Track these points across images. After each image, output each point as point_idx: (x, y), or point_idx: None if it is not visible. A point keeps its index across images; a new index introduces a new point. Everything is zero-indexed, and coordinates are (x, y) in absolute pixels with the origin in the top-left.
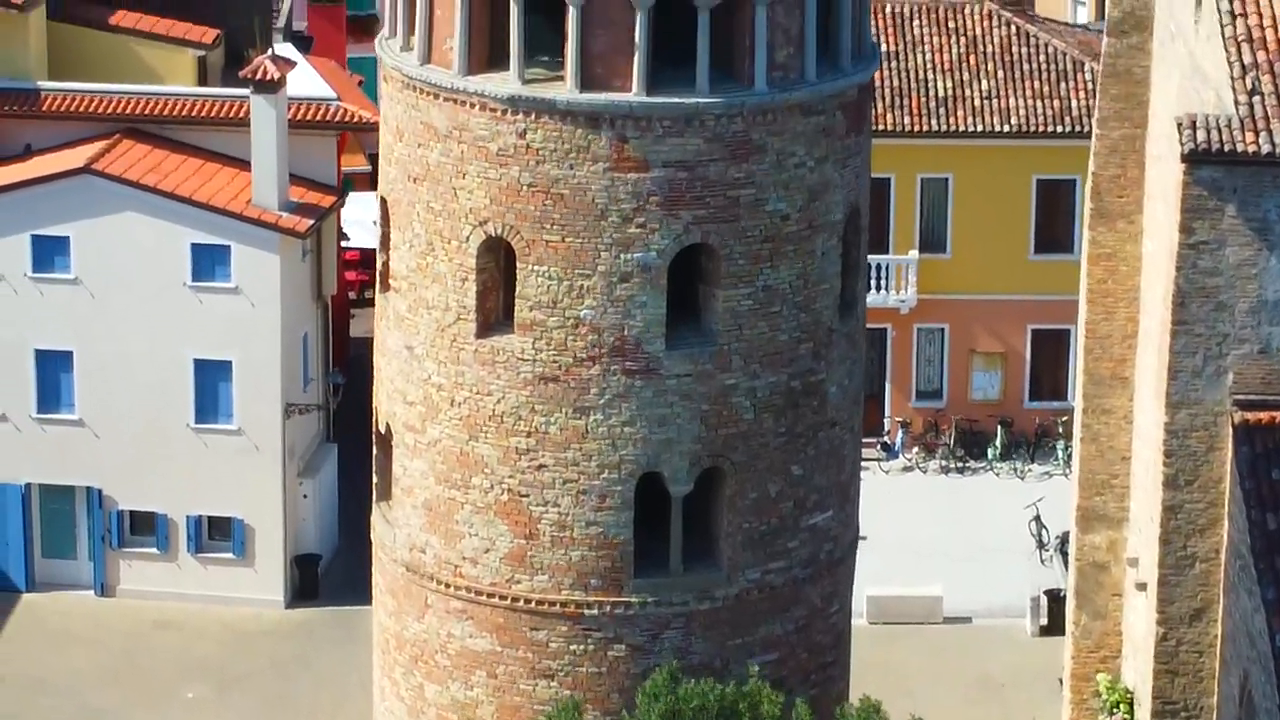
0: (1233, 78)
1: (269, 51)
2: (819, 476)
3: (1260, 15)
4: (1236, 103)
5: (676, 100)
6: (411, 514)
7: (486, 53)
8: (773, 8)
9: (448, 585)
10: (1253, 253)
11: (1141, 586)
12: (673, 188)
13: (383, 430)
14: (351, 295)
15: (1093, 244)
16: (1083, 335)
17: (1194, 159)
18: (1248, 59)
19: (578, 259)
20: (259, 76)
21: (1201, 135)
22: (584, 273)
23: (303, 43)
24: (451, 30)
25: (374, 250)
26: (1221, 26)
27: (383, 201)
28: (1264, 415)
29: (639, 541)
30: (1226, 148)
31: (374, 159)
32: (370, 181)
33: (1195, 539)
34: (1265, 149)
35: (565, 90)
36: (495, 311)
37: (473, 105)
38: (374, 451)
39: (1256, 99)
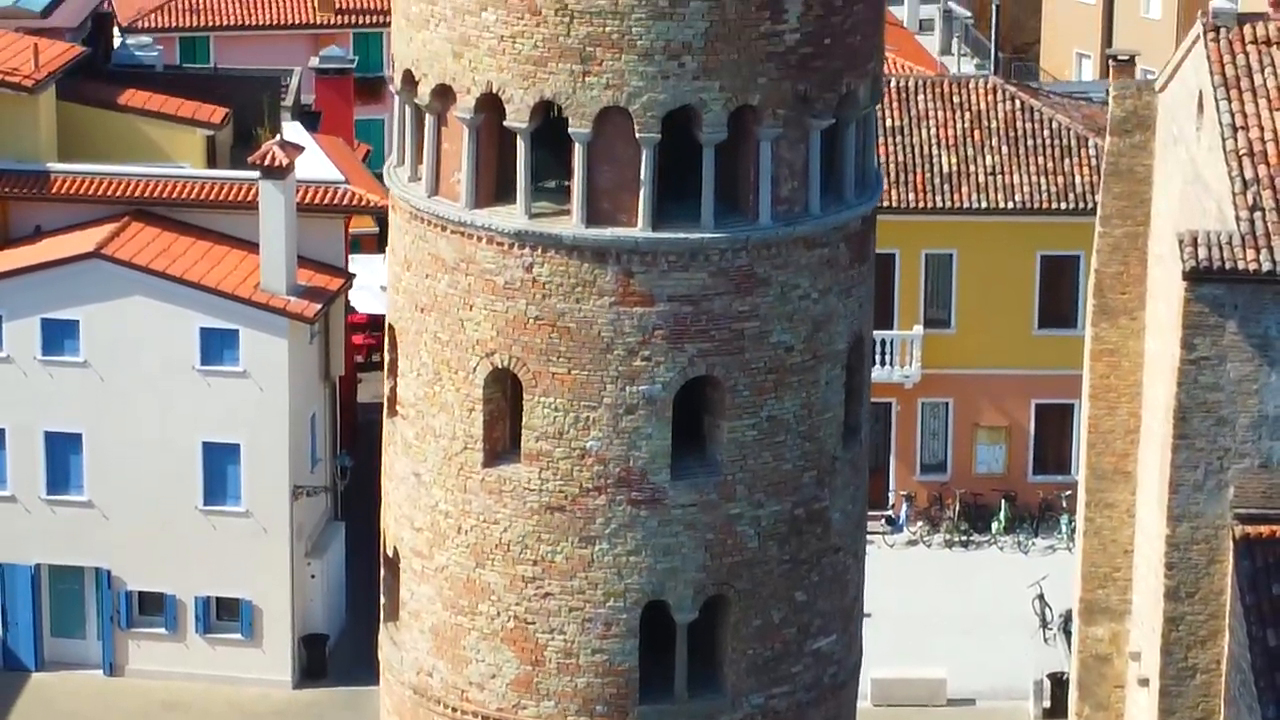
0: (1234, 193)
1: (277, 137)
2: (822, 602)
3: (1261, 128)
4: (1238, 218)
5: (681, 236)
6: (419, 638)
7: (494, 186)
8: (777, 143)
9: (455, 710)
10: (1253, 368)
11: (1144, 682)
12: (678, 321)
13: (390, 554)
14: (358, 359)
15: (1095, 340)
16: (1085, 430)
17: (1195, 276)
18: (1249, 174)
19: (584, 391)
20: (268, 163)
21: (1203, 252)
22: (590, 404)
23: (311, 119)
24: (459, 163)
25: (382, 316)
26: (1223, 140)
27: (390, 329)
28: (1265, 529)
29: (644, 667)
30: (1228, 265)
31: (381, 220)
32: (378, 244)
33: (1197, 650)
34: (1266, 267)
35: (571, 225)
36: (502, 441)
37: (480, 238)
38: (382, 572)
39: (1258, 215)
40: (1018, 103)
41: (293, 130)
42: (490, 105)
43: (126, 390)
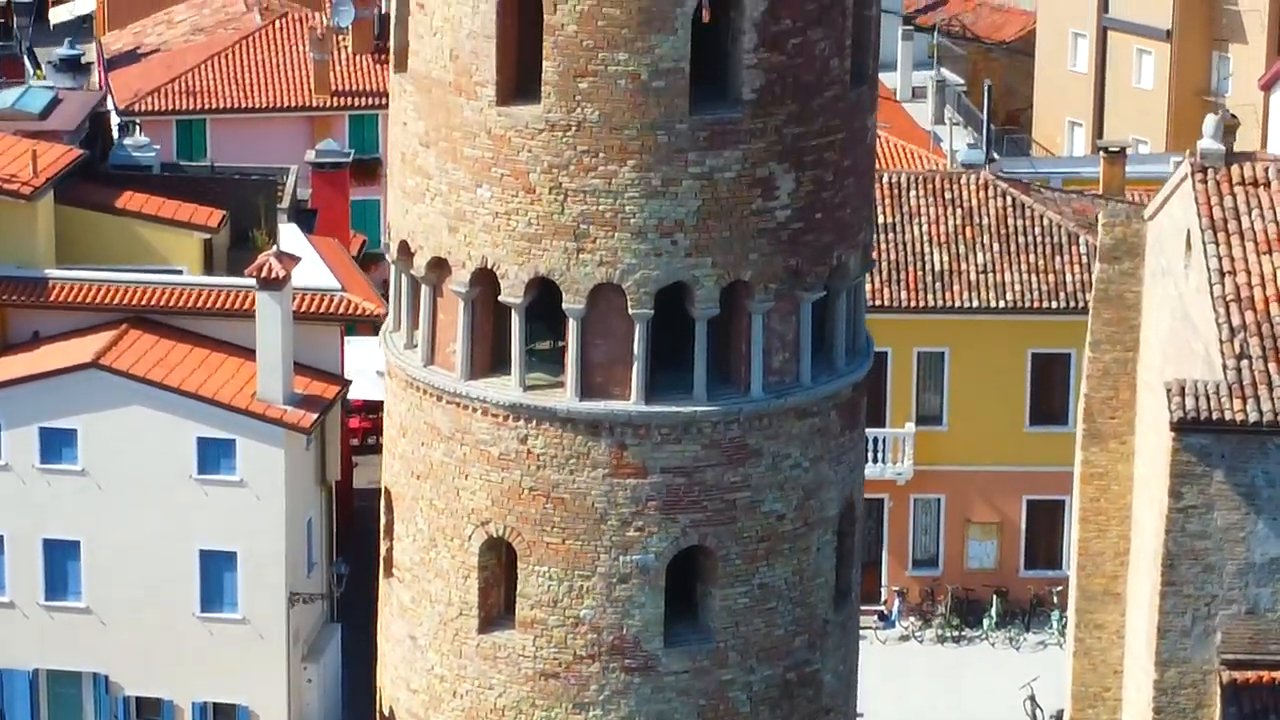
0: (1221, 340)
1: (274, 247)
2: None
3: (1249, 273)
4: (1224, 366)
5: (674, 409)
6: None
7: (489, 357)
8: (769, 316)
9: None
10: (1240, 516)
11: None
12: (671, 492)
13: (387, 713)
14: (354, 442)
15: (1085, 464)
16: (1075, 553)
17: (1183, 427)
18: (1236, 320)
19: (578, 560)
20: (265, 275)
21: (1190, 402)
22: (584, 574)
23: (307, 217)
24: (455, 334)
25: (379, 402)
26: (1210, 285)
27: (386, 492)
28: (1252, 675)
29: None
30: (1215, 416)
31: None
32: (373, 326)
33: None
34: (1253, 418)
35: (565, 398)
36: (497, 607)
37: (475, 410)
38: None
39: (1244, 363)
40: (1009, 199)
41: (289, 233)
42: (485, 279)
43: (124, 498)
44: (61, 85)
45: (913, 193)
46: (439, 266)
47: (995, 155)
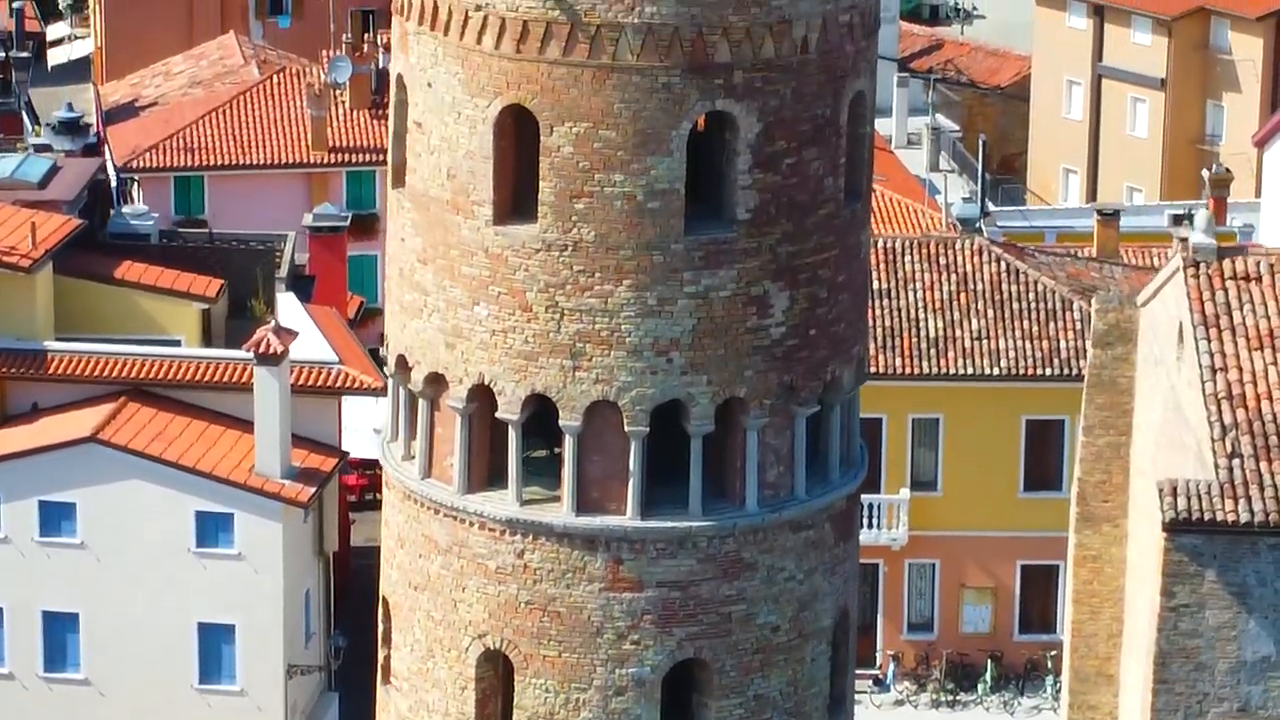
0: (1213, 439)
1: (272, 322)
2: None
3: (1240, 369)
4: (1216, 465)
5: (669, 524)
6: None
7: (486, 471)
8: (763, 431)
9: None
10: (1232, 615)
11: None
12: (666, 606)
13: None
14: (351, 499)
15: (1078, 547)
16: (1069, 635)
17: (1175, 527)
18: (1228, 418)
19: (574, 673)
20: (262, 350)
21: (1182, 503)
22: (580, 687)
23: (305, 284)
24: (452, 449)
25: (376, 460)
26: (1202, 382)
27: (384, 601)
28: None
29: None
30: (1207, 516)
31: (373, 353)
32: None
33: None
34: (1244, 518)
35: (562, 514)
36: (494, 718)
37: (472, 524)
38: None
39: (1236, 462)
40: (1003, 264)
41: (287, 302)
42: (482, 395)
43: (123, 571)
44: (60, 147)
45: (907, 258)
46: (436, 381)
47: (990, 207)
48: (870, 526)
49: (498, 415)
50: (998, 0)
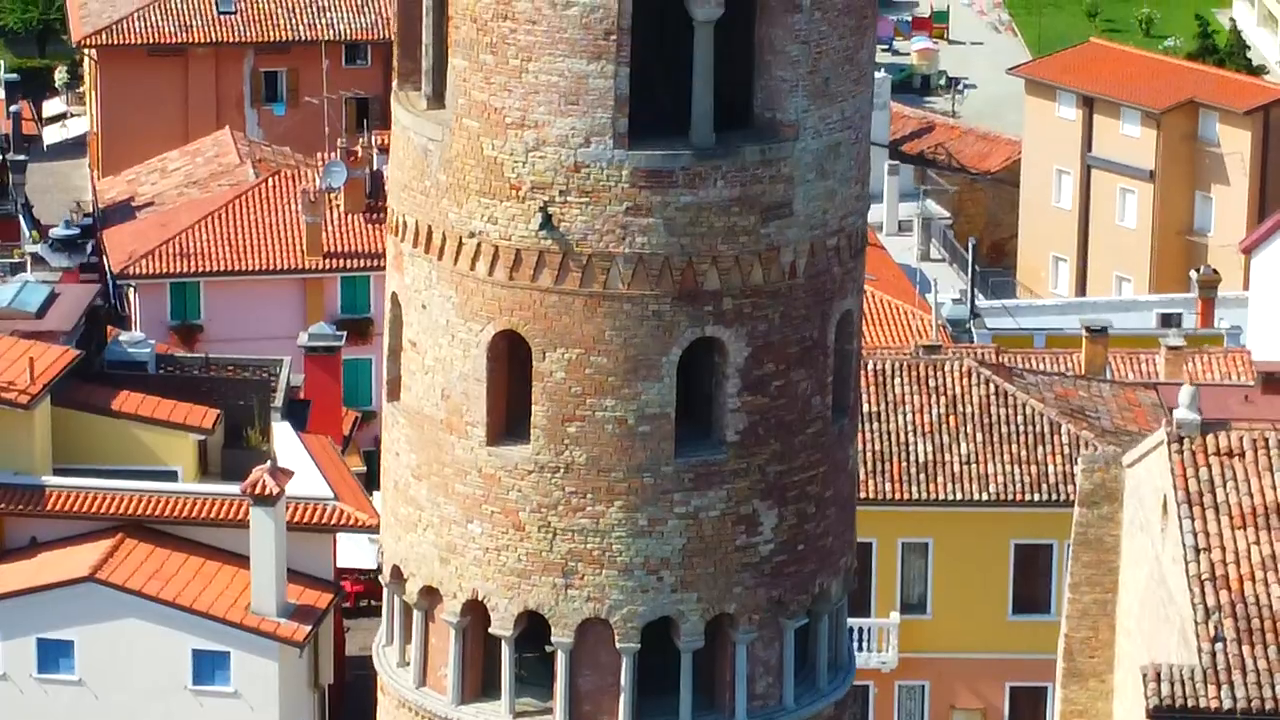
0: (1196, 621)
1: (268, 463)
2: None
3: (1224, 549)
4: (1199, 649)
5: None
6: None
7: (479, 682)
8: (752, 644)
9: None
10: None
11: None
12: None
13: None
14: (346, 605)
15: (1065, 702)
16: None
17: (1159, 715)
18: (1211, 600)
19: None
20: (258, 491)
21: (1166, 689)
22: None
23: (300, 410)
24: (446, 659)
25: (373, 570)
26: (1186, 562)
27: None
28: None
29: None
30: (1190, 703)
31: (369, 456)
32: (366, 482)
33: None
34: (1227, 704)
35: None
36: None
37: None
38: None
39: (1219, 646)
40: (992, 386)
41: (282, 434)
42: (476, 610)
43: (120, 709)
44: (58, 264)
45: (897, 380)
46: (431, 594)
47: (980, 300)
48: (861, 649)
49: (491, 631)
50: (987, 73)
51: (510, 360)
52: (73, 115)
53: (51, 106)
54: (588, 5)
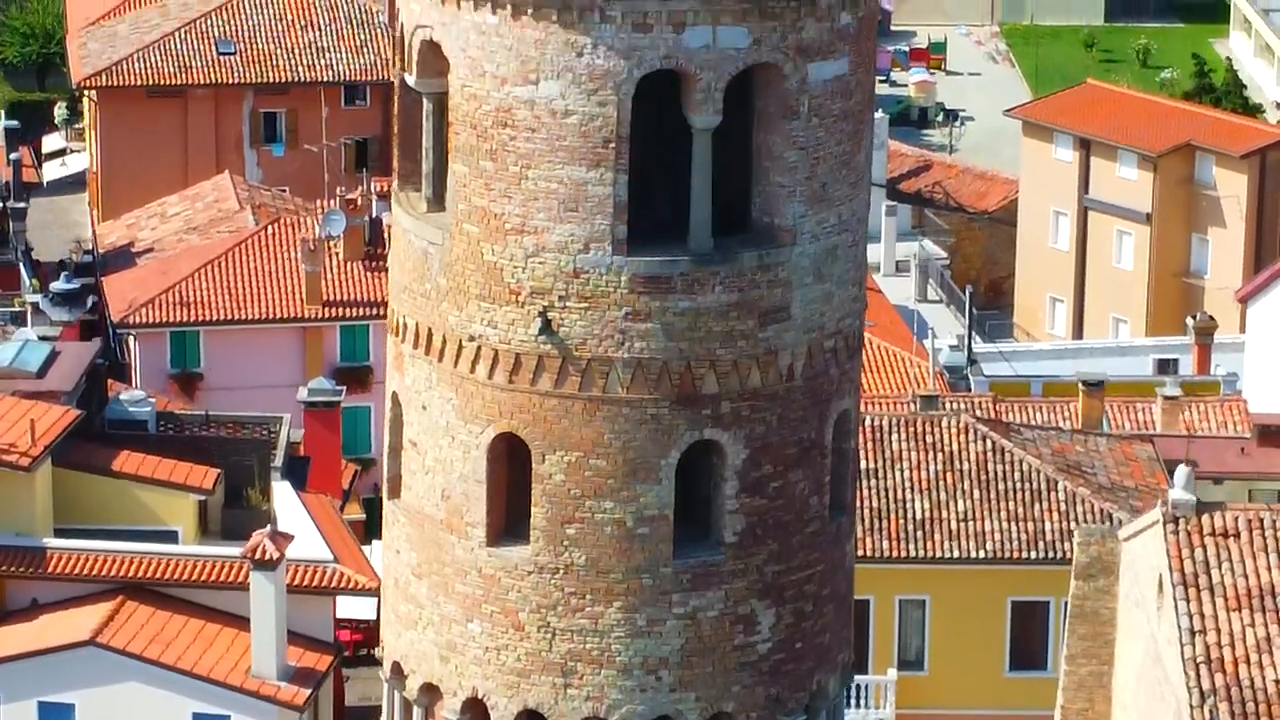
0: (1191, 705)
1: (268, 527)
2: None
3: (1219, 631)
4: None
5: None
6: None
7: None
8: None
9: None
10: None
11: None
12: None
13: None
14: (345, 655)
15: None
16: None
17: None
18: (1205, 684)
19: None
20: (258, 556)
21: None
22: None
23: (299, 468)
24: None
25: (372, 620)
26: (1181, 645)
27: None
28: None
29: None
30: None
31: (369, 504)
32: (366, 529)
33: None
34: None
35: None
36: None
37: None
38: None
39: None
40: (989, 443)
41: (282, 494)
42: (476, 708)
43: None
44: (58, 318)
45: (894, 436)
46: (431, 691)
47: (977, 344)
48: (858, 706)
49: None
50: (985, 104)
51: (510, 461)
52: (72, 151)
53: (51, 142)
54: (587, 114)
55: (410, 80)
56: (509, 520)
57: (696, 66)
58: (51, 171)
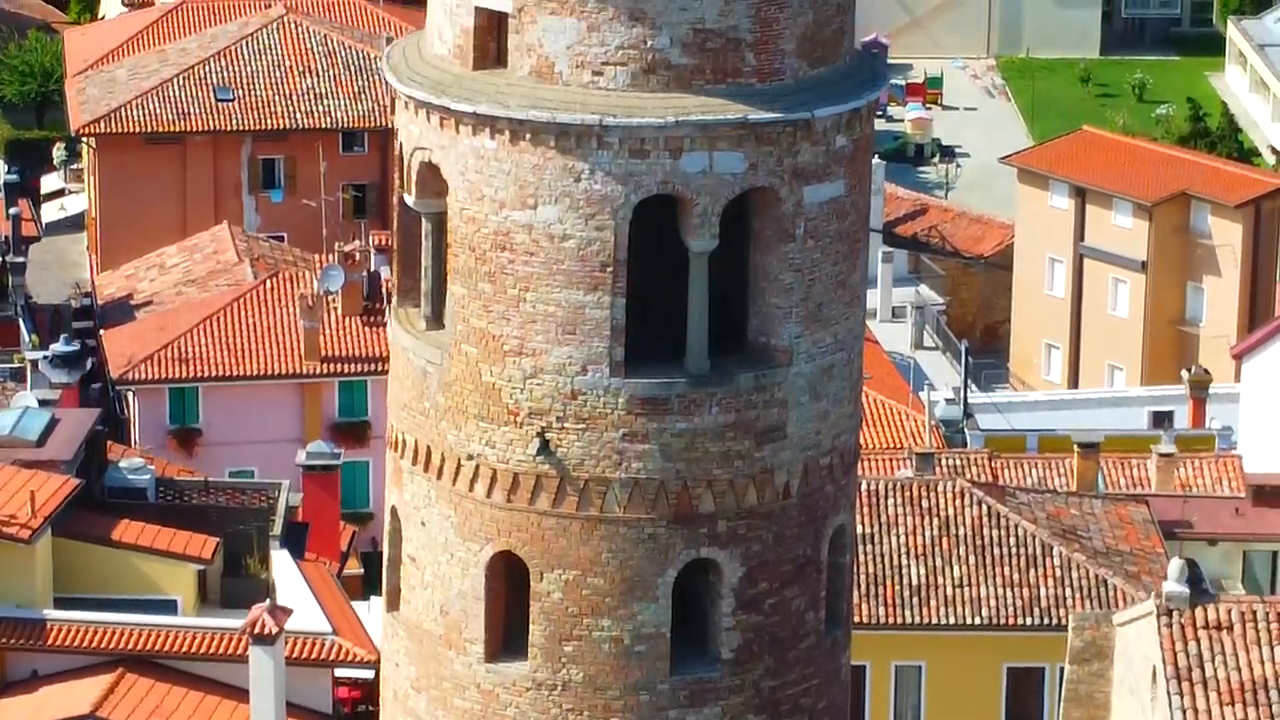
0: None
1: (266, 602)
2: None
3: None
4: None
5: None
6: None
7: None
8: None
9: None
10: None
11: None
12: None
13: None
14: (345, 710)
15: None
16: None
17: None
18: None
19: None
20: (258, 631)
21: None
22: None
23: (298, 536)
24: None
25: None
26: None
27: None
28: None
29: None
30: None
31: (366, 558)
32: (364, 584)
33: None
34: None
35: None
36: None
37: None
38: None
39: None
40: (984, 507)
41: (281, 563)
42: None
43: None
44: (58, 380)
45: (890, 500)
46: None
47: (974, 393)
48: None
49: None
50: (981, 139)
51: (508, 578)
52: (71, 192)
53: (49, 182)
54: (585, 238)
55: (410, 200)
56: (507, 636)
57: (693, 191)
58: (50, 213)
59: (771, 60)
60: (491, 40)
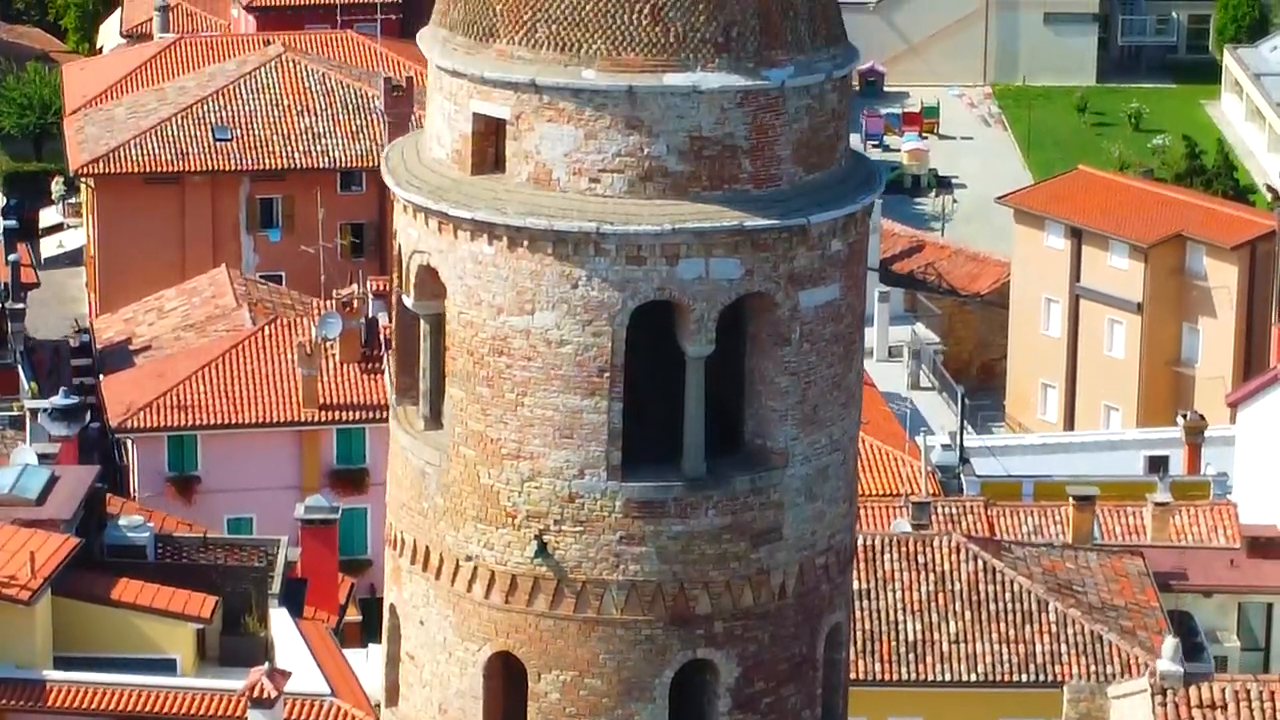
0: None
1: (265, 665)
2: None
3: None
4: None
5: None
6: None
7: None
8: None
9: None
10: None
11: None
12: None
13: None
14: None
15: None
16: None
17: None
18: None
19: None
20: (257, 694)
21: None
22: None
23: (296, 593)
24: None
25: None
26: None
27: None
28: None
29: None
30: None
31: (365, 605)
32: (362, 632)
33: None
34: None
35: None
36: None
37: None
38: None
39: None
40: (980, 562)
41: (280, 621)
42: None
43: None
44: (58, 434)
45: (886, 556)
46: None
47: (970, 437)
48: None
49: None
50: (978, 168)
51: (506, 678)
52: (69, 227)
53: (48, 216)
54: (582, 344)
55: (408, 302)
56: None
57: (690, 298)
58: (48, 248)
59: (768, 166)
60: (490, 146)
